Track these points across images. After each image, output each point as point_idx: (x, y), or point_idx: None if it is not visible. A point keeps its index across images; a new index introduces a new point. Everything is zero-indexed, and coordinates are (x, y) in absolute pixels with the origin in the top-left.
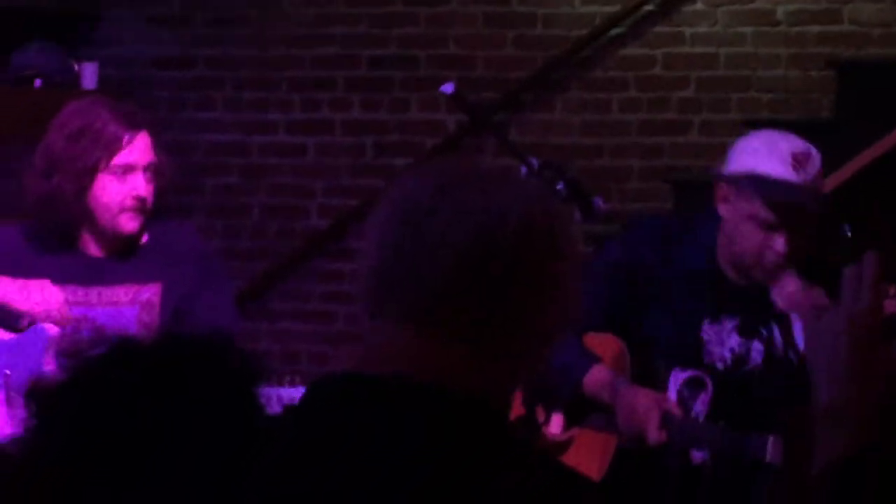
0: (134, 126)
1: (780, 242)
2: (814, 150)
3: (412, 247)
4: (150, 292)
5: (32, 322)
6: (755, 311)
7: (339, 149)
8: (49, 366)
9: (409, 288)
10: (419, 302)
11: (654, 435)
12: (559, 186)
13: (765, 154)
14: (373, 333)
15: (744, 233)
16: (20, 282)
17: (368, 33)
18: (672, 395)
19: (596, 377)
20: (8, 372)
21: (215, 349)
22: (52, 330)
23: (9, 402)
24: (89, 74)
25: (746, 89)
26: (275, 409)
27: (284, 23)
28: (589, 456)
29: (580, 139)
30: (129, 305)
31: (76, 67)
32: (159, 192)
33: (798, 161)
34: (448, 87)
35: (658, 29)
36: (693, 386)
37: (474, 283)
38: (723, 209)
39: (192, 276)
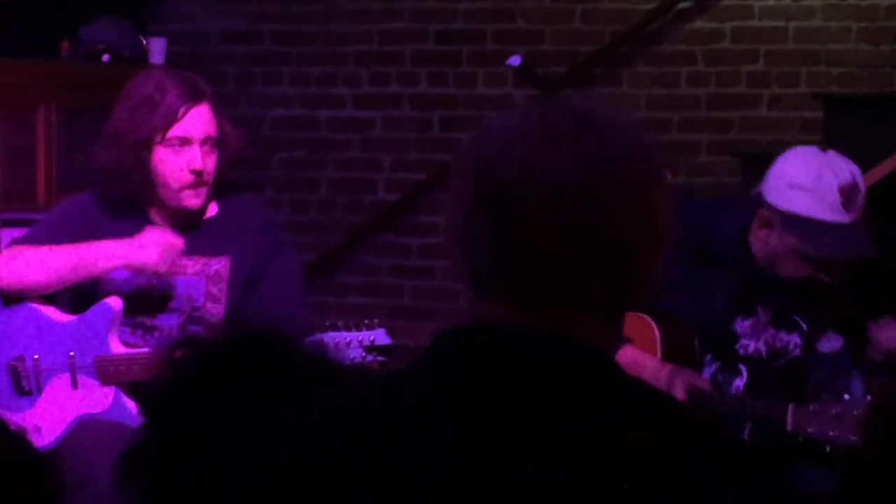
0: (192, 98)
1: (827, 276)
2: (857, 173)
3: (509, 223)
4: (219, 265)
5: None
6: (790, 302)
7: (407, 123)
8: (114, 343)
9: (516, 265)
10: (528, 279)
11: None
12: None
13: (812, 195)
14: (481, 305)
15: (788, 263)
16: (132, 241)
17: (435, 7)
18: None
19: (622, 359)
20: (72, 354)
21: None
22: (116, 304)
23: (74, 384)
24: (157, 49)
25: (816, 63)
26: (355, 351)
27: None
28: None
29: (648, 113)
30: (197, 276)
31: (144, 43)
32: (225, 165)
33: (847, 197)
34: (515, 60)
35: (726, 2)
36: (727, 371)
37: (582, 253)
38: (763, 233)
39: (260, 249)
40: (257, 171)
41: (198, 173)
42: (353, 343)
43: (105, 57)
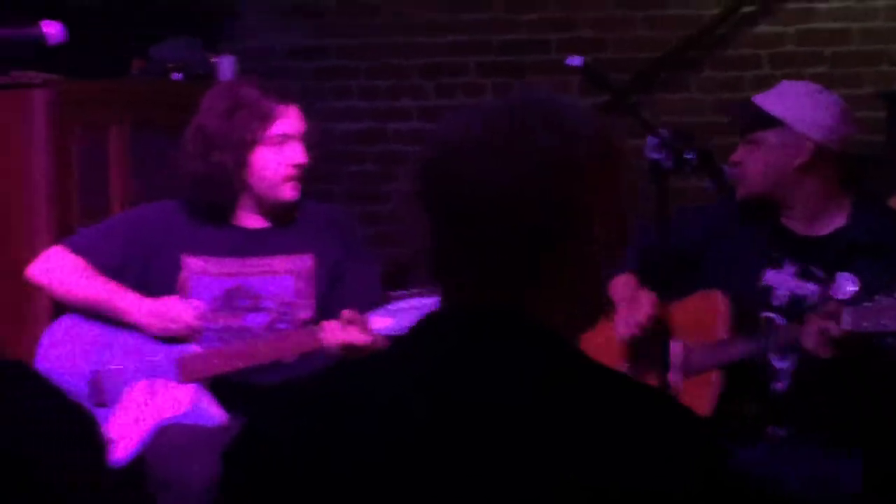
0: (285, 98)
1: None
2: (777, 94)
3: (445, 224)
4: (305, 261)
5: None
6: (814, 259)
7: None
8: (193, 344)
9: (465, 250)
10: (476, 262)
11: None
12: (689, 156)
13: None
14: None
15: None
16: (152, 303)
17: (499, 18)
18: None
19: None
20: (152, 358)
21: None
22: (199, 307)
23: (153, 390)
24: (226, 67)
25: (879, 63)
26: (410, 317)
27: (416, 10)
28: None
29: (714, 118)
30: (286, 274)
31: (213, 60)
32: (311, 163)
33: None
34: (576, 60)
35: (790, 5)
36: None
37: (521, 235)
38: None
39: (340, 246)
40: (327, 183)
41: (300, 167)
42: (430, 306)
43: (175, 75)
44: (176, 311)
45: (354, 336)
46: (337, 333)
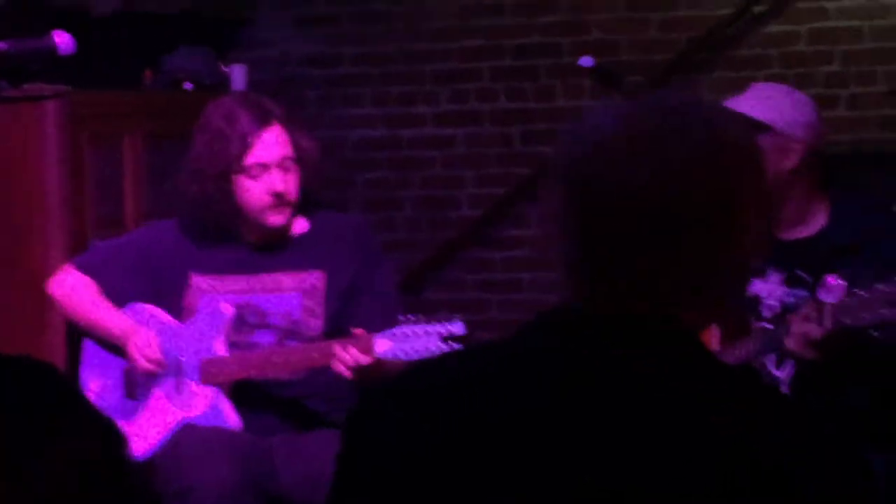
0: (261, 123)
1: None
2: (749, 96)
3: (593, 223)
4: (314, 278)
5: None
6: (799, 264)
7: (487, 139)
8: (220, 347)
9: (599, 260)
10: (609, 273)
11: None
12: None
13: None
14: (571, 292)
15: None
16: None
17: (511, 23)
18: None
19: None
20: (181, 358)
21: None
22: (228, 311)
23: (178, 388)
24: (238, 76)
25: (892, 61)
26: (432, 341)
27: (429, 17)
28: None
29: None
30: (293, 291)
31: (225, 70)
32: (308, 180)
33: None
34: (587, 61)
35: (801, 5)
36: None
37: (672, 235)
38: None
39: (358, 262)
40: (341, 191)
41: (279, 195)
42: (432, 333)
43: (187, 85)
44: (132, 349)
45: (356, 356)
46: (341, 353)
